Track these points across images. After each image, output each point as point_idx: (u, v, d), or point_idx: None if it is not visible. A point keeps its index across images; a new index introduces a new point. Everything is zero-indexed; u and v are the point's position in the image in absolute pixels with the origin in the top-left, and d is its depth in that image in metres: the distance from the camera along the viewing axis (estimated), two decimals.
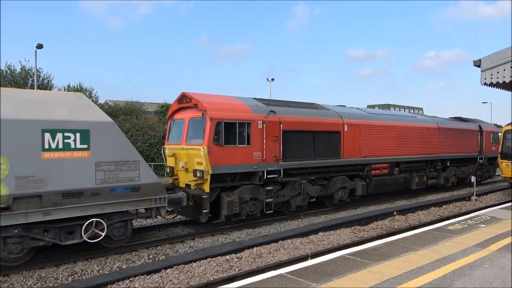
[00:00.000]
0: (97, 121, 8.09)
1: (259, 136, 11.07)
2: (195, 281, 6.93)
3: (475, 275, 5.45)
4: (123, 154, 8.36)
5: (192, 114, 10.97)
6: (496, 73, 9.99)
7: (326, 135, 12.86)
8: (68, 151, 7.68)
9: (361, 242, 9.01)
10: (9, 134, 7.06)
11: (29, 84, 30.95)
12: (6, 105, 7.22)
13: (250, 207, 11.03)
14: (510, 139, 16.04)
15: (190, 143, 10.82)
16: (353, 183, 14.05)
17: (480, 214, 10.26)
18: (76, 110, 7.98)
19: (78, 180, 7.77)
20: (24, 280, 7.20)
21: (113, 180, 8.22)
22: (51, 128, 7.52)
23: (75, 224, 7.99)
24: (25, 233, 7.50)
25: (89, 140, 7.92)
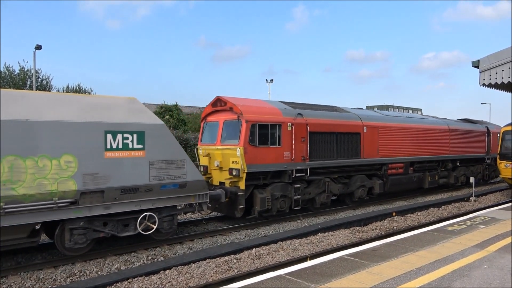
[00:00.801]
0: (151, 123, 8.86)
1: (288, 137, 11.84)
2: (194, 282, 6.92)
3: (474, 276, 5.45)
4: (172, 154, 9.11)
5: (227, 117, 11.73)
6: (495, 74, 10.01)
7: (347, 136, 13.64)
8: (126, 151, 8.45)
9: (360, 243, 9.00)
10: (77, 135, 7.81)
11: (28, 85, 30.90)
12: (74, 109, 7.98)
13: (280, 204, 11.78)
14: (509, 140, 16.05)
15: (225, 143, 11.57)
16: (371, 182, 14.76)
17: (479, 215, 10.26)
18: (132, 113, 8.75)
19: (134, 177, 8.52)
20: (22, 281, 7.17)
21: (163, 177, 8.96)
22: (113, 130, 8.27)
23: (130, 218, 8.71)
24: (88, 225, 8.22)
25: (144, 140, 8.67)
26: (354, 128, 13.91)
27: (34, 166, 7.32)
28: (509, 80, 9.74)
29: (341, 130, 13.41)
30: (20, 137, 7.22)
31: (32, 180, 7.29)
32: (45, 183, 7.43)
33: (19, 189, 7.16)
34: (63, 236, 8.01)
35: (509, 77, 9.70)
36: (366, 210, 14.32)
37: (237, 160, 10.89)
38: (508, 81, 9.76)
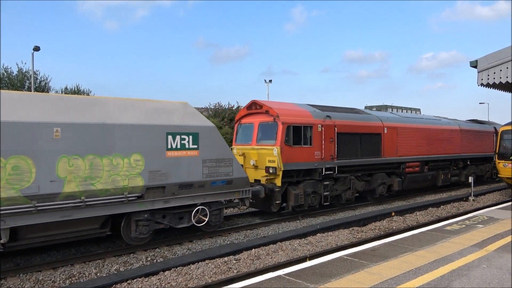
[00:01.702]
0: (203, 126, 9.82)
1: (319, 137, 12.81)
2: (193, 283, 6.92)
3: (473, 275, 5.46)
4: (221, 153, 10.05)
5: (262, 119, 12.66)
6: (493, 74, 10.03)
7: (370, 136, 14.64)
8: (184, 150, 9.38)
9: (359, 243, 9.00)
10: (144, 137, 8.74)
11: (26, 86, 30.84)
12: (140, 113, 8.94)
13: (311, 199, 12.72)
14: (507, 139, 16.07)
15: (261, 143, 12.47)
16: (391, 180, 15.76)
17: (477, 215, 10.28)
18: (187, 116, 9.70)
19: (190, 174, 9.44)
20: (21, 283, 7.16)
21: (214, 174, 9.90)
22: (172, 132, 9.21)
23: (184, 211, 9.65)
24: (151, 217, 9.11)
25: (198, 141, 9.62)
26: (375, 129, 14.91)
27: (110, 164, 8.24)
28: (507, 80, 9.76)
29: (364, 131, 14.41)
30: (98, 138, 8.14)
31: (108, 176, 8.23)
32: (118, 179, 8.36)
33: (97, 185, 8.11)
34: (129, 227, 8.94)
35: (507, 77, 9.72)
36: (365, 210, 14.33)
37: (273, 159, 11.80)
38: (506, 80, 9.78)
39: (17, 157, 7.24)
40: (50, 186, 7.54)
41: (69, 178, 7.76)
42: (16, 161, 7.22)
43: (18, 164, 7.24)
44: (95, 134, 8.08)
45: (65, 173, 7.71)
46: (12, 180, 7.17)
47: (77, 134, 7.88)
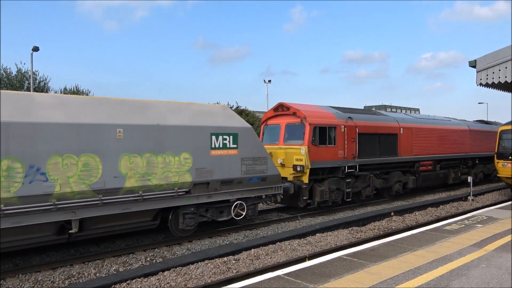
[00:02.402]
0: (242, 127, 10.66)
1: (341, 138, 13.64)
2: (193, 283, 6.91)
3: (472, 275, 5.46)
4: (257, 152, 10.87)
5: (289, 120, 13.49)
6: (492, 74, 10.04)
7: (387, 136, 15.51)
8: (225, 149, 10.18)
9: (359, 243, 9.01)
10: (192, 137, 9.57)
11: (25, 87, 30.81)
12: (187, 115, 9.83)
13: (335, 196, 13.55)
14: (506, 139, 16.08)
15: (288, 143, 13.26)
16: (406, 178, 16.69)
17: (476, 214, 10.29)
18: (227, 118, 10.57)
19: (230, 171, 10.24)
20: (20, 283, 7.15)
21: (251, 171, 10.71)
22: (216, 132, 10.03)
23: (224, 206, 10.47)
24: (196, 211, 9.93)
25: (238, 141, 10.41)
26: (392, 129, 15.79)
27: (163, 162, 9.05)
28: (506, 80, 9.77)
29: (382, 131, 15.30)
30: (154, 138, 8.95)
31: (162, 173, 9.03)
32: (170, 175, 9.16)
33: (153, 180, 8.88)
34: (177, 220, 9.77)
35: (506, 77, 9.73)
36: (365, 210, 14.34)
37: (301, 157, 12.63)
38: (505, 80, 9.79)
39: (87, 155, 8.06)
40: (114, 182, 8.37)
41: (130, 174, 8.60)
42: (86, 159, 8.03)
43: (87, 162, 8.05)
44: (151, 135, 8.93)
45: (126, 169, 8.55)
46: (83, 176, 7.97)
47: (136, 134, 8.71)
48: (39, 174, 7.50)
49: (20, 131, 7.33)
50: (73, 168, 7.85)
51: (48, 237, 8.10)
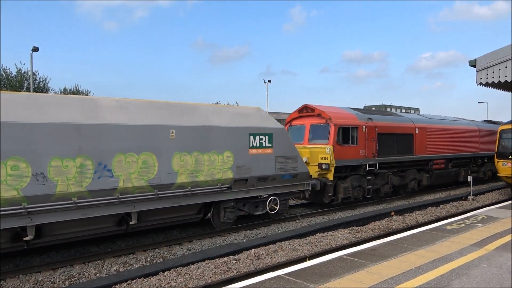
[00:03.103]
0: (276, 127, 11.44)
1: (363, 137, 14.45)
2: (193, 283, 6.91)
3: (473, 275, 5.46)
4: (289, 151, 11.62)
5: (314, 121, 14.27)
6: (492, 73, 10.04)
7: (404, 136, 16.38)
8: (261, 149, 10.96)
9: (359, 243, 9.01)
10: (233, 137, 10.35)
11: (25, 87, 30.81)
12: (228, 117, 10.62)
13: (357, 192, 14.32)
14: (506, 138, 16.08)
15: (313, 143, 14.04)
16: (420, 175, 17.57)
17: (477, 214, 10.29)
18: (262, 119, 11.40)
19: (266, 169, 11.02)
20: (20, 284, 7.15)
21: (283, 169, 11.45)
22: (253, 133, 10.81)
23: (259, 201, 11.26)
24: (235, 205, 10.72)
25: (272, 140, 11.19)
26: (408, 129, 16.66)
27: (209, 160, 9.85)
28: (506, 79, 9.77)
29: (399, 131, 16.18)
30: (200, 138, 9.75)
31: (207, 170, 9.82)
32: (214, 172, 9.95)
33: (200, 177, 9.69)
34: (218, 213, 10.63)
35: (506, 76, 9.73)
36: (365, 210, 14.34)
37: (326, 156, 13.41)
38: (505, 80, 9.79)
39: (146, 153, 8.84)
40: (167, 178, 9.14)
41: (181, 171, 9.37)
42: (145, 157, 8.81)
43: (146, 159, 8.83)
44: (198, 135, 9.73)
45: (178, 167, 9.32)
46: (142, 172, 8.76)
47: (186, 134, 9.50)
48: (106, 171, 8.28)
49: (90, 132, 8.10)
50: (134, 165, 8.66)
51: (110, 228, 8.93)
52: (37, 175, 7.45)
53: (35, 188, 7.40)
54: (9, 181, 7.15)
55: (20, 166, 7.28)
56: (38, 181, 7.44)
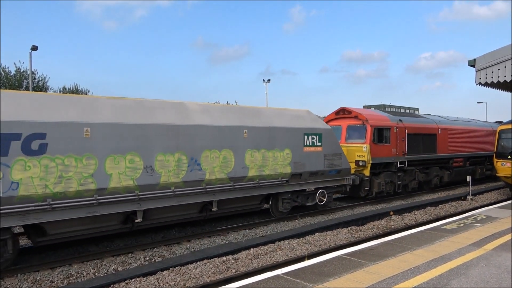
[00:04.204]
0: (325, 128, 12.94)
1: (394, 137, 15.95)
2: (192, 282, 6.90)
3: (471, 274, 5.46)
4: (335, 149, 13.05)
5: (350, 122, 15.72)
6: (491, 73, 10.04)
7: (428, 136, 17.86)
8: (313, 147, 12.39)
9: (358, 242, 9.00)
10: (291, 136, 11.79)
11: (24, 86, 30.75)
12: (286, 119, 12.04)
13: (388, 187, 15.79)
14: (505, 138, 16.08)
15: (349, 142, 15.39)
16: (442, 172, 19.07)
17: (475, 214, 10.29)
18: (313, 120, 12.81)
19: (316, 165, 12.45)
20: (19, 283, 7.13)
21: (330, 165, 12.90)
22: (307, 132, 12.25)
23: (309, 193, 12.69)
24: (291, 197, 12.11)
25: (322, 140, 12.61)
26: (432, 130, 18.18)
27: (273, 156, 11.27)
28: (505, 79, 9.77)
29: (425, 132, 17.65)
30: (266, 137, 11.19)
31: (272, 165, 11.24)
32: (277, 167, 11.36)
33: (266, 171, 11.12)
34: (277, 204, 12.05)
35: (505, 76, 9.72)
36: (364, 209, 14.34)
37: (363, 154, 14.85)
38: (504, 79, 9.79)
39: (225, 150, 10.22)
40: (241, 171, 10.55)
41: (251, 166, 10.77)
42: (225, 153, 10.21)
43: (226, 155, 10.22)
44: (265, 134, 11.15)
45: (249, 162, 10.72)
46: (223, 166, 10.14)
47: (255, 134, 10.90)
48: (196, 165, 9.68)
49: (185, 131, 9.50)
50: (216, 160, 10.05)
51: (194, 215, 10.32)
52: (147, 168, 8.86)
53: (145, 178, 8.81)
54: (127, 172, 8.54)
55: (135, 160, 8.68)
56: (147, 173, 8.87)
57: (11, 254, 7.55)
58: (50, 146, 7.57)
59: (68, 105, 8.20)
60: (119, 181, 8.38)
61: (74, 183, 7.83)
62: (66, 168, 7.73)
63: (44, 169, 7.48)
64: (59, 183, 7.63)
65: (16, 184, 7.18)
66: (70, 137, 7.81)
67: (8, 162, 7.10)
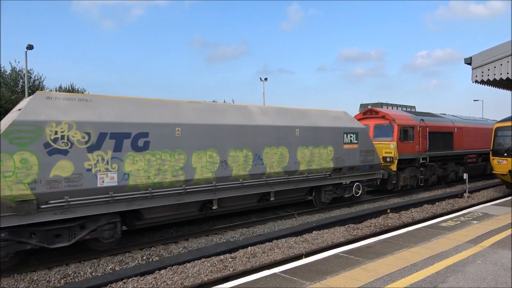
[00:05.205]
0: (360, 127, 14.30)
1: (417, 135, 17.47)
2: (189, 281, 6.89)
3: (468, 271, 5.48)
4: (368, 146, 14.41)
5: (377, 122, 17.32)
6: (487, 71, 10.07)
7: (446, 134, 19.46)
8: (351, 144, 13.75)
9: (355, 240, 9.03)
10: (333, 135, 13.14)
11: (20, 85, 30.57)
12: (328, 119, 13.37)
13: (412, 181, 17.40)
14: (501, 136, 16.13)
15: (377, 140, 16.66)
16: (457, 168, 20.65)
17: (472, 211, 10.33)
18: (350, 121, 14.19)
19: (353, 160, 13.81)
20: (15, 283, 7.10)
21: (365, 161, 14.23)
22: (346, 131, 13.63)
23: (346, 186, 13.96)
24: (331, 189, 13.42)
25: (358, 138, 14.00)
26: (449, 129, 19.82)
27: (318, 152, 12.66)
28: (501, 77, 9.80)
29: (443, 130, 19.22)
30: (313, 136, 12.52)
31: (318, 160, 12.64)
32: (322, 162, 12.76)
33: (313, 166, 12.48)
34: (319, 195, 13.32)
35: (501, 74, 9.76)
36: (361, 207, 14.37)
37: (390, 151, 16.45)
38: (500, 77, 9.82)
39: (282, 147, 11.64)
40: (293, 166, 11.92)
41: (302, 161, 12.14)
42: (281, 150, 11.63)
43: (282, 152, 11.64)
44: (312, 133, 12.50)
45: (300, 157, 12.10)
46: (280, 161, 11.55)
47: (305, 133, 12.29)
48: (259, 160, 11.04)
49: (250, 131, 10.90)
50: (275, 156, 11.43)
51: (253, 204, 11.64)
52: (222, 162, 10.21)
53: (221, 171, 10.16)
54: (208, 166, 9.90)
55: (213, 155, 10.04)
56: (222, 167, 10.20)
57: (120, 235, 8.81)
58: (152, 143, 8.94)
59: (162, 108, 9.52)
60: (202, 173, 9.79)
61: (169, 175, 9.20)
62: (163, 162, 9.10)
63: (147, 162, 8.84)
64: (158, 174, 9.02)
65: (127, 175, 8.55)
66: (166, 135, 9.19)
67: (121, 156, 8.46)
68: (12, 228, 7.35)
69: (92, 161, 8.04)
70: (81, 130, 7.96)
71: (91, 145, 8.06)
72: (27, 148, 7.30)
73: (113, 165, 8.33)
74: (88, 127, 8.05)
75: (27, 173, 7.27)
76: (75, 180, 7.83)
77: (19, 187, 7.19)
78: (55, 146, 7.62)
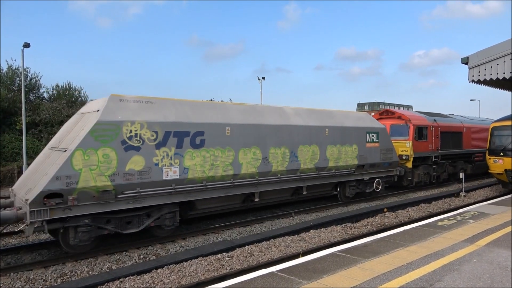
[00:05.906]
0: (380, 127, 15.46)
1: (430, 135, 18.73)
2: (186, 280, 6.89)
3: (464, 270, 5.50)
4: (388, 145, 15.54)
5: (393, 122, 18.52)
6: (484, 70, 10.10)
7: (456, 134, 20.68)
8: (372, 143, 14.88)
9: (352, 239, 9.04)
10: (357, 134, 14.29)
11: (16, 83, 30.41)
12: (353, 120, 14.54)
13: (425, 178, 18.70)
14: (497, 135, 16.20)
15: (393, 139, 17.26)
16: (466, 165, 21.80)
17: (468, 210, 10.37)
18: (371, 121, 15.38)
19: (375, 158, 14.96)
20: (12, 282, 7.08)
21: (385, 158, 15.36)
22: (368, 131, 14.73)
23: (367, 182, 15.09)
24: (355, 184, 14.57)
25: (379, 137, 15.12)
26: (459, 128, 21.08)
27: (345, 150, 13.77)
28: (497, 76, 9.84)
29: (454, 130, 20.50)
30: (340, 135, 13.62)
31: (344, 158, 13.71)
32: (347, 159, 13.85)
33: (340, 162, 13.59)
34: (344, 190, 14.43)
35: (498, 73, 9.79)
36: (358, 206, 14.40)
37: (406, 149, 17.64)
38: (497, 77, 9.85)
39: (313, 145, 12.71)
40: (323, 162, 13.04)
41: (330, 158, 13.23)
42: (313, 148, 12.69)
43: (313, 150, 12.72)
44: (339, 132, 13.60)
45: (329, 155, 13.19)
46: (311, 158, 12.62)
47: (333, 132, 13.36)
48: (294, 157, 12.12)
49: (287, 130, 11.94)
50: (307, 153, 12.51)
51: (287, 197, 12.76)
52: (264, 159, 11.24)
53: (262, 167, 11.23)
54: (252, 162, 10.97)
55: (257, 152, 11.10)
56: (264, 163, 11.25)
57: (178, 223, 9.84)
58: (207, 141, 9.99)
59: (213, 109, 10.57)
60: (247, 169, 10.82)
61: (220, 170, 10.24)
62: (215, 158, 10.16)
63: (203, 158, 9.90)
64: (211, 169, 10.06)
65: (187, 169, 9.58)
66: (218, 134, 10.23)
67: (182, 153, 9.50)
68: (94, 215, 8.30)
69: (159, 157, 9.09)
70: (150, 129, 8.97)
71: (158, 142, 9.10)
72: (108, 144, 8.29)
73: (175, 160, 9.37)
74: (156, 126, 9.06)
75: (108, 166, 8.25)
76: (145, 173, 8.85)
77: (102, 179, 8.16)
78: (130, 143, 8.65)
